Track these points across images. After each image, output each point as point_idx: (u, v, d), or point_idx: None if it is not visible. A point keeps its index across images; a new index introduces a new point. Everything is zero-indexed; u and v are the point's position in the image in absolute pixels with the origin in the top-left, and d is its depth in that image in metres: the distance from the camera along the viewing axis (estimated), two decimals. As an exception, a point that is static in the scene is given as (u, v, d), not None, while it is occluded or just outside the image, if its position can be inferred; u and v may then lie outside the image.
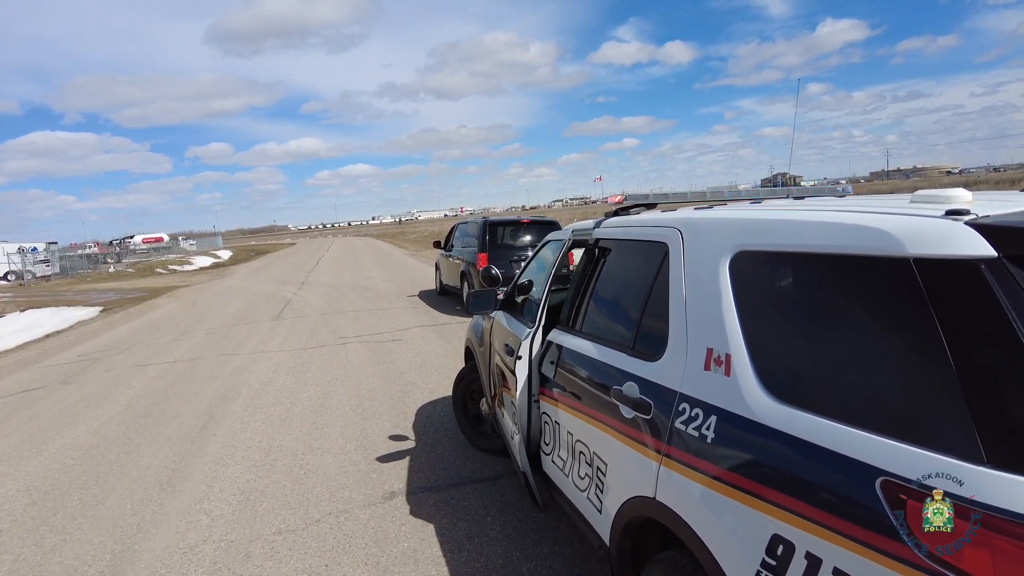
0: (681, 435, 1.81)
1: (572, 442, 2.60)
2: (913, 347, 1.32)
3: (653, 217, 2.44)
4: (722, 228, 1.96)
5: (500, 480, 4.07)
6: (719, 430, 1.68)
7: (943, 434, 1.20)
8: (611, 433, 2.23)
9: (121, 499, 4.21)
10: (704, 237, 2.01)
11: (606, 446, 2.27)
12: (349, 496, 4.01)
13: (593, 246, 2.85)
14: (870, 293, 1.46)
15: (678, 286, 2.02)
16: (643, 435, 2.00)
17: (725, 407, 1.68)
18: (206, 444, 5.19)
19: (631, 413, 2.07)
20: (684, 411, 1.82)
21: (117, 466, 4.85)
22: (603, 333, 2.56)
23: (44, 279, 32.33)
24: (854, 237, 1.48)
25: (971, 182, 58.67)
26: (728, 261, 1.84)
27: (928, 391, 1.27)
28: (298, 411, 5.91)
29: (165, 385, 7.42)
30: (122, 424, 5.98)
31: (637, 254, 2.51)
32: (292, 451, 4.87)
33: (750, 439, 1.59)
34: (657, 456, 1.91)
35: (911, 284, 1.31)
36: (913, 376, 1.31)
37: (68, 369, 9.02)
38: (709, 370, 1.78)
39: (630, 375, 2.15)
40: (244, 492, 4.18)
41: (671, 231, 2.17)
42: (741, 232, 1.87)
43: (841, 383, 1.47)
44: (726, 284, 1.81)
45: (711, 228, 2.01)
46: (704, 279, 1.91)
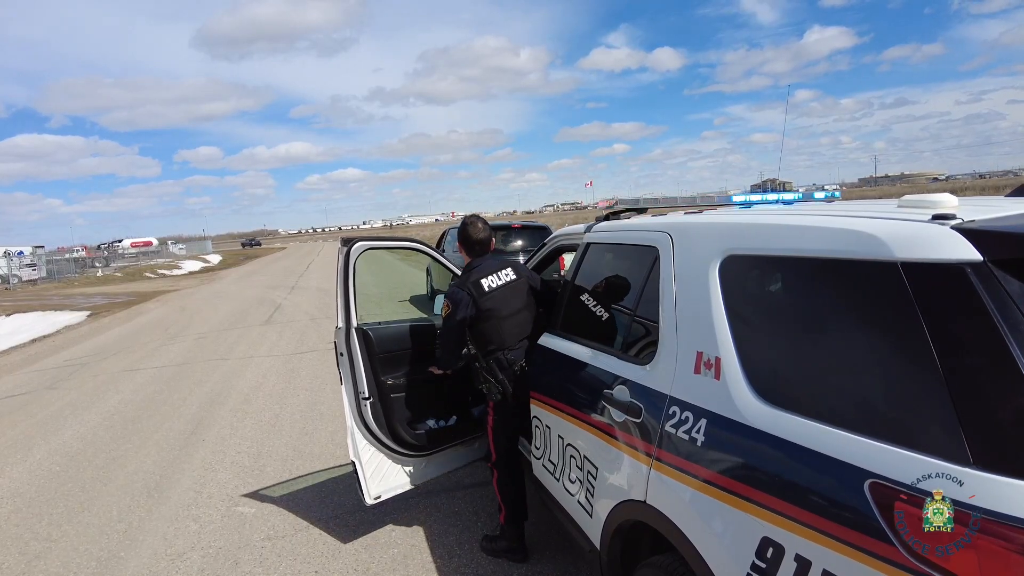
0: (671, 439, 1.82)
1: (563, 447, 2.60)
2: (900, 350, 1.33)
3: (643, 222, 2.45)
4: (712, 232, 1.97)
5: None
6: (709, 433, 1.69)
7: (931, 437, 1.21)
8: (602, 437, 2.23)
9: (107, 505, 4.16)
10: (694, 241, 2.02)
11: (597, 450, 2.27)
12: (339, 501, 3.99)
13: (584, 250, 2.86)
14: (858, 297, 1.47)
15: (668, 290, 2.02)
16: (634, 439, 2.01)
17: (715, 410, 1.69)
18: (195, 450, 5.15)
19: (622, 416, 2.08)
20: (674, 414, 1.83)
21: (104, 472, 4.80)
22: (594, 337, 2.56)
23: (30, 283, 32.00)
24: (842, 241, 1.49)
25: (958, 188, 59.34)
26: (718, 265, 1.85)
27: (916, 394, 1.28)
28: (288, 416, 5.88)
29: (153, 390, 7.35)
30: (109, 429, 5.92)
31: (627, 258, 2.52)
32: (281, 456, 4.84)
33: (740, 442, 1.60)
34: (647, 460, 1.91)
35: (899, 287, 1.32)
36: (900, 379, 1.32)
37: (55, 374, 8.93)
38: (699, 373, 1.78)
39: (621, 379, 2.15)
40: (232, 498, 4.15)
41: (661, 235, 2.18)
42: (730, 236, 1.88)
43: (829, 386, 1.47)
44: (716, 288, 1.82)
45: (701, 233, 2.02)
46: (694, 283, 1.92)
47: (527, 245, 10.89)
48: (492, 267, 3.08)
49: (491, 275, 3.04)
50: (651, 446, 1.90)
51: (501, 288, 3.03)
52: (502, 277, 3.06)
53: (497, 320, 3.01)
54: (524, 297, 3.12)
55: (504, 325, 3.02)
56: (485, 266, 3.08)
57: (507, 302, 3.04)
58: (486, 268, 3.07)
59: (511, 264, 3.15)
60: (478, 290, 2.99)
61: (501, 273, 3.07)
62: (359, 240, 3.31)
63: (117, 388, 7.61)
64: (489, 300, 2.99)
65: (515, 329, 3.05)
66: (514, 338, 3.04)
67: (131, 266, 43.68)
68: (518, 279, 3.11)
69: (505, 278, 3.06)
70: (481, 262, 3.11)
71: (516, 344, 3.05)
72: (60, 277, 34.57)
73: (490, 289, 3.00)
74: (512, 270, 3.11)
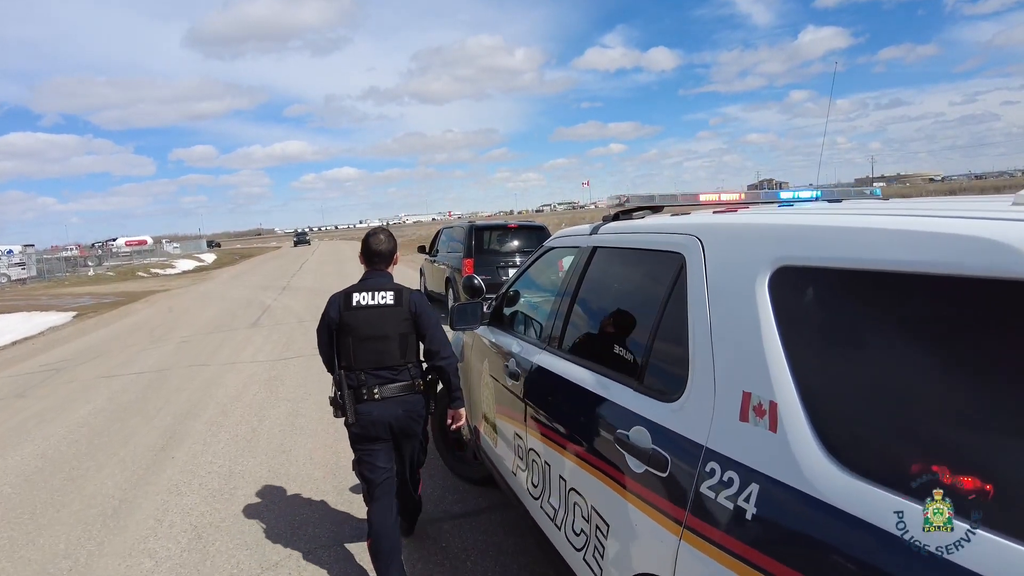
0: (709, 504, 1.41)
1: (565, 490, 2.19)
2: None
3: (664, 222, 2.04)
4: (755, 237, 1.56)
5: (483, 515, 3.65)
6: (763, 503, 1.28)
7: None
8: (614, 487, 1.81)
9: (55, 537, 3.73)
10: (732, 248, 1.61)
11: (608, 502, 1.86)
12: (313, 533, 3.57)
13: (590, 255, 2.45)
14: (974, 324, 1.07)
15: (700, 308, 1.61)
16: (657, 497, 1.59)
17: (771, 473, 1.28)
18: (162, 469, 4.72)
19: (641, 467, 1.66)
20: (713, 473, 1.41)
21: (59, 495, 4.37)
22: (600, 359, 2.15)
23: (19, 282, 31.47)
24: (947, 250, 1.09)
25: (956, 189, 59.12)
26: (767, 279, 1.44)
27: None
28: (266, 431, 5.45)
29: (128, 399, 6.92)
30: (73, 444, 5.49)
31: (644, 266, 2.11)
32: (255, 478, 4.42)
33: (806, 520, 1.19)
34: (676, 527, 1.50)
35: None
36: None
37: (27, 380, 8.48)
38: (747, 421, 1.37)
39: (638, 417, 1.74)
40: (197, 528, 3.73)
41: (688, 239, 1.77)
42: (782, 242, 1.47)
43: (940, 450, 1.07)
44: (766, 309, 1.41)
45: (741, 237, 1.61)
46: (735, 301, 1.51)
47: (524, 246, 10.48)
48: (374, 285, 2.91)
49: (367, 292, 2.87)
50: (681, 510, 1.49)
51: (368, 308, 2.84)
52: (376, 298, 2.86)
53: (352, 339, 2.83)
54: (396, 326, 2.85)
55: (359, 346, 2.82)
56: (370, 282, 2.92)
57: (369, 324, 2.83)
58: (368, 284, 2.92)
59: (399, 289, 2.91)
60: (346, 301, 2.86)
61: (379, 294, 2.87)
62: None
63: (89, 397, 7.17)
64: (350, 316, 2.83)
65: (369, 355, 2.83)
66: (366, 363, 2.83)
67: (124, 265, 43.10)
68: (395, 306, 2.86)
69: (380, 300, 2.85)
70: (371, 276, 2.95)
71: (370, 370, 2.83)
72: (50, 276, 34.03)
73: (356, 305, 2.84)
74: (393, 295, 2.87)
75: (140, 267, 40.00)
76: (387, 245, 2.99)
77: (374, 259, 2.97)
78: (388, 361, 2.83)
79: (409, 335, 2.88)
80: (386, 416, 2.81)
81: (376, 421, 2.81)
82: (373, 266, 2.97)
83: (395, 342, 2.84)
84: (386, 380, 2.82)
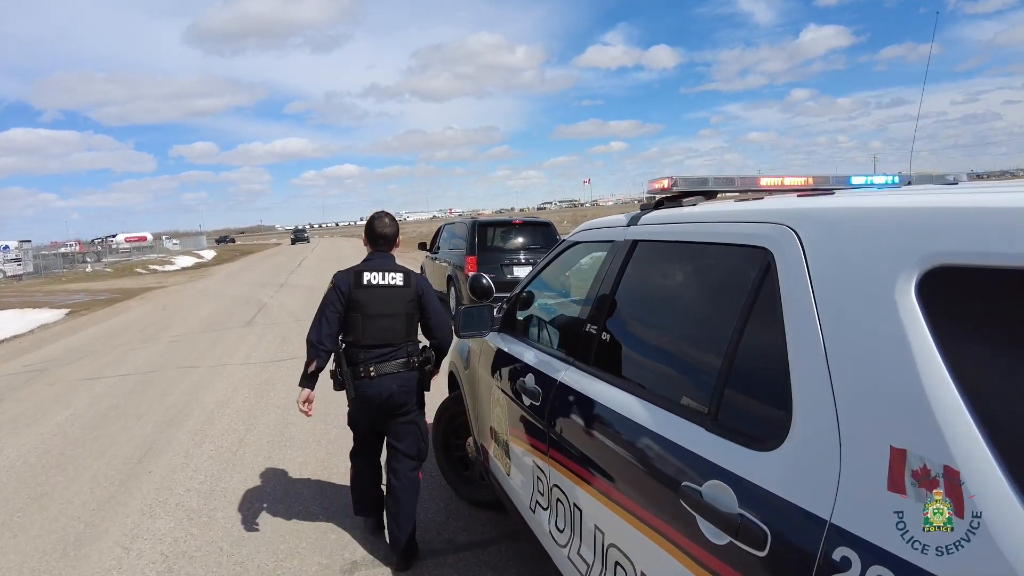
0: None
1: (603, 544, 1.74)
2: None
3: (733, 209, 1.59)
4: (888, 225, 1.12)
5: (492, 547, 3.21)
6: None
7: None
8: (679, 557, 1.37)
9: (7, 571, 3.30)
10: (851, 240, 1.17)
11: (669, 574, 1.42)
12: (299, 567, 3.13)
13: (628, 251, 2.01)
14: None
15: (803, 324, 1.17)
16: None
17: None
18: (136, 485, 4.29)
19: (723, 538, 1.22)
20: (848, 565, 0.98)
21: (19, 517, 3.94)
22: (650, 383, 1.71)
23: (15, 278, 31.03)
24: None
25: (962, 188, 58.56)
26: (913, 284, 1.01)
27: None
28: (253, 441, 5.01)
29: (109, 404, 6.48)
30: (44, 455, 5.05)
31: (707, 265, 1.67)
32: (237, 497, 3.98)
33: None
34: (784, 635, 1.06)
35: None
36: None
37: (8, 382, 8.04)
38: (902, 493, 0.94)
39: (715, 468, 1.30)
40: (168, 558, 3.29)
41: (777, 230, 1.33)
42: (934, 232, 1.03)
43: None
44: (918, 326, 0.97)
45: (864, 224, 1.17)
46: (861, 315, 1.07)
47: (529, 243, 10.05)
48: (381, 266, 3.06)
49: (376, 272, 3.03)
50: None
51: (379, 287, 3.01)
52: (387, 279, 3.03)
53: (361, 315, 2.99)
54: (403, 306, 3.05)
55: (367, 323, 2.99)
56: (376, 263, 3.08)
57: (379, 302, 3.00)
58: (375, 264, 3.07)
59: (406, 272, 3.10)
60: (356, 279, 3.00)
61: (388, 274, 3.04)
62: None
63: (70, 401, 6.73)
64: (361, 293, 2.99)
65: (376, 332, 3.00)
66: (372, 339, 3.00)
67: (122, 262, 42.62)
68: (404, 287, 3.05)
69: (390, 280, 3.03)
70: (376, 257, 3.10)
71: (375, 345, 3.00)
72: (47, 273, 33.59)
73: (367, 284, 3.00)
74: (403, 277, 3.07)
75: (139, 263, 39.55)
76: (391, 228, 3.14)
77: (379, 241, 3.11)
78: (392, 338, 3.01)
79: (414, 315, 3.08)
80: (382, 392, 2.99)
81: (372, 398, 3.00)
82: (377, 247, 3.12)
83: (401, 320, 3.03)
84: (386, 357, 2.99)
